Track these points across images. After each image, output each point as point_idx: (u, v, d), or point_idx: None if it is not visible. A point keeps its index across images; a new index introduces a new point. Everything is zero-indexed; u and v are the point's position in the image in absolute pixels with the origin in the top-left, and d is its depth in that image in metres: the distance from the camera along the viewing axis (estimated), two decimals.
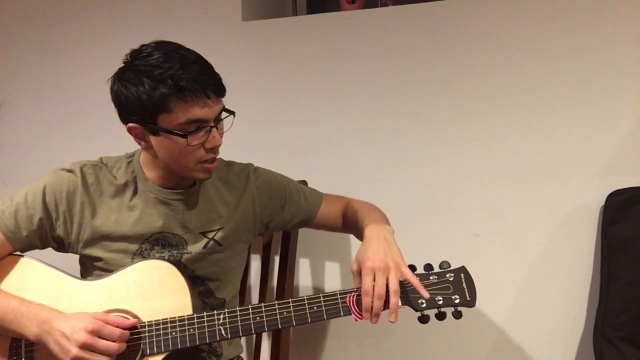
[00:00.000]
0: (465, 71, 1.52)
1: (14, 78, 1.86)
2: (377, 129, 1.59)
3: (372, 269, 1.03)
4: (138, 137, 1.11)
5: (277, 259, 1.52)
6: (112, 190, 1.16)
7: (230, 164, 1.30)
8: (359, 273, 1.05)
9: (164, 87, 1.01)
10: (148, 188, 1.16)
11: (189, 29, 1.72)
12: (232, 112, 1.12)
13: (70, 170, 1.16)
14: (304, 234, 1.56)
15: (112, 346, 1.01)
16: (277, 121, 1.67)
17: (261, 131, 1.67)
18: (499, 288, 1.52)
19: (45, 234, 1.14)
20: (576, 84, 1.45)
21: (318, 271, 1.66)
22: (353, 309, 1.05)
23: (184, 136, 1.05)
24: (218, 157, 1.15)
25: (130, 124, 1.08)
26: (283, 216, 1.30)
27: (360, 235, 1.17)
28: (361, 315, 1.03)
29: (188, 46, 1.11)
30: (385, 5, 1.80)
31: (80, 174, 1.14)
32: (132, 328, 1.06)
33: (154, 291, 1.09)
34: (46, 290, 1.10)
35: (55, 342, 1.00)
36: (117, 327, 1.03)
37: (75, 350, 0.98)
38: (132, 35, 1.75)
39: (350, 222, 1.27)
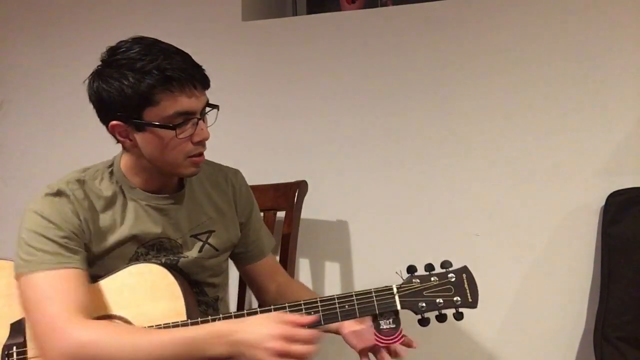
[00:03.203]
0: (465, 71, 1.51)
1: (14, 78, 1.84)
2: (376, 128, 1.58)
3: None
4: (121, 136, 1.03)
5: (277, 259, 1.51)
6: (102, 204, 1.08)
7: (217, 166, 1.24)
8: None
9: (149, 79, 0.96)
10: (137, 196, 1.10)
11: (189, 29, 1.70)
12: (215, 106, 1.06)
13: (59, 193, 1.04)
14: (304, 234, 1.54)
15: (306, 350, 0.92)
16: (276, 121, 1.65)
17: (261, 131, 1.66)
18: (499, 288, 1.50)
19: (82, 242, 1.05)
20: (576, 84, 1.44)
21: (318, 271, 1.65)
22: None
23: (173, 128, 0.99)
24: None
25: (113, 122, 1.01)
26: (242, 239, 1.24)
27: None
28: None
29: (188, 46, 1.08)
30: (385, 5, 1.79)
31: (70, 192, 1.05)
32: None
33: (147, 296, 1.04)
34: None
35: (245, 353, 0.92)
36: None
37: None
38: (132, 35, 1.74)
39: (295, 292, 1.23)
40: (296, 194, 1.47)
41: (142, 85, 0.96)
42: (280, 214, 1.50)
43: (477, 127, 1.51)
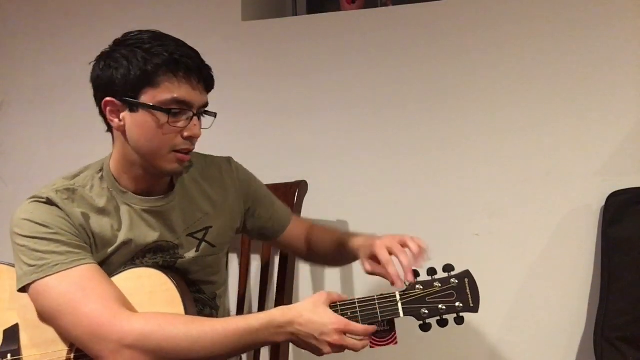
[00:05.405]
0: (465, 71, 1.50)
1: (14, 78, 1.82)
2: (376, 128, 1.56)
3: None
4: (112, 114, 0.99)
5: (277, 259, 1.49)
6: (95, 212, 1.03)
7: (207, 158, 1.21)
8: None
9: (158, 59, 0.95)
10: (129, 200, 1.05)
11: (189, 29, 1.68)
12: (213, 114, 1.04)
13: (48, 202, 0.99)
14: None
15: (358, 344, 0.95)
16: (276, 121, 1.63)
17: (261, 131, 1.64)
18: (500, 288, 1.48)
19: (83, 242, 1.01)
20: (576, 84, 1.43)
21: (318, 271, 1.64)
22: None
23: (167, 111, 0.96)
24: (194, 150, 1.05)
25: (107, 99, 0.98)
26: (255, 220, 1.23)
27: (340, 251, 1.17)
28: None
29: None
30: (385, 5, 1.78)
31: (59, 201, 1.00)
32: None
33: (144, 302, 0.99)
34: (29, 301, 0.97)
35: (305, 343, 0.94)
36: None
37: (327, 349, 0.93)
38: None
39: (322, 241, 1.24)
40: (296, 194, 1.46)
41: (150, 63, 0.95)
42: None
43: (477, 127, 1.50)
